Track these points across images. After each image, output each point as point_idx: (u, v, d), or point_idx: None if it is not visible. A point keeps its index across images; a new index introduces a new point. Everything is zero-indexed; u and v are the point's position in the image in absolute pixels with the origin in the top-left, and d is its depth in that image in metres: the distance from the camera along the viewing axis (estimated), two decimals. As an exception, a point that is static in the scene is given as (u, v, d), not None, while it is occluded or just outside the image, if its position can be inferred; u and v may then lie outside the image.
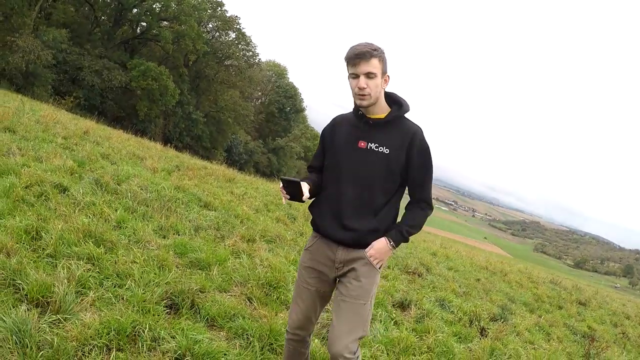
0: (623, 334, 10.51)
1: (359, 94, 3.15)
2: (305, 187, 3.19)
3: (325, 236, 3.34)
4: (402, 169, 3.25)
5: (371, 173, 3.22)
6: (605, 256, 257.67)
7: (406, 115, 3.32)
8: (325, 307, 3.69)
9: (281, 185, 3.24)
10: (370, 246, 3.24)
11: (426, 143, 3.29)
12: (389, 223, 3.30)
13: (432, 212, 3.47)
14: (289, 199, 3.29)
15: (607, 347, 8.15)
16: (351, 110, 3.41)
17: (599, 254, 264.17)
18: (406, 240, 3.38)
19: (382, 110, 3.28)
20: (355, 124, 3.31)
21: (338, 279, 3.38)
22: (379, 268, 3.30)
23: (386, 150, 3.20)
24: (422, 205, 3.37)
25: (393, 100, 3.32)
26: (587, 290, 18.14)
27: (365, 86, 3.10)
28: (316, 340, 4.85)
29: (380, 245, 3.23)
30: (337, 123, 3.45)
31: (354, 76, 3.14)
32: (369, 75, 3.10)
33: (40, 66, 37.74)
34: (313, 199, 3.44)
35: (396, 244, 3.27)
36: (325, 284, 3.41)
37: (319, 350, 4.60)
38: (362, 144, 3.23)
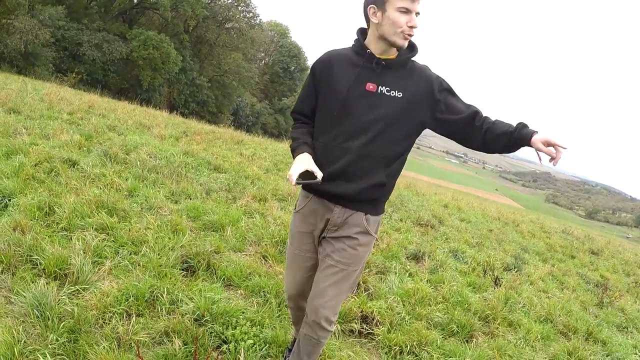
0: (636, 283, 10.50)
1: (407, 32, 2.72)
2: (318, 173, 2.75)
3: (321, 192, 2.91)
4: (421, 114, 2.85)
5: (382, 120, 2.79)
6: (617, 206, 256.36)
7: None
8: None
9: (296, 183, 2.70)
10: (545, 140, 2.59)
11: (440, 78, 2.90)
12: (395, 179, 2.99)
13: None
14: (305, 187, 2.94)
15: (620, 296, 8.16)
16: (347, 46, 2.98)
17: (611, 205, 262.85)
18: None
19: (393, 51, 2.84)
20: (361, 63, 2.83)
21: (327, 237, 2.99)
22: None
23: (399, 94, 2.80)
24: (486, 116, 2.88)
25: None
26: (599, 240, 18.05)
27: (417, 26, 2.73)
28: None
29: (546, 133, 2.63)
30: (334, 59, 2.92)
31: (406, 11, 2.69)
32: (417, 15, 2.74)
33: (40, 45, 37.44)
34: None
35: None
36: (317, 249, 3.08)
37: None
38: (372, 86, 2.80)
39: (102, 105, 15.70)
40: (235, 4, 58.59)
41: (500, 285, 6.74)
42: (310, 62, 76.05)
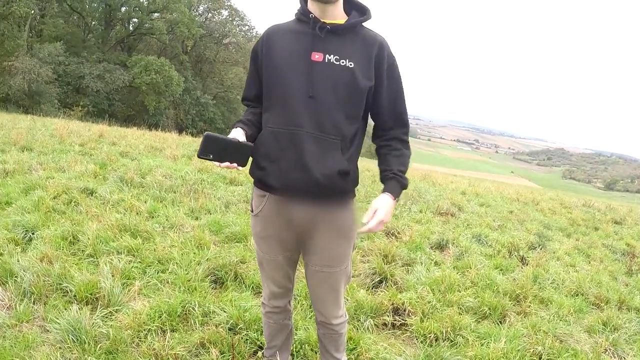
0: (663, 246, 10.43)
1: None
2: (241, 138, 2.41)
3: (278, 190, 2.50)
4: (369, 90, 2.48)
5: (333, 94, 2.39)
6: (634, 174, 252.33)
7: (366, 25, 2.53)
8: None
9: (202, 150, 2.26)
10: (374, 208, 2.40)
11: (394, 56, 2.55)
12: (356, 163, 2.57)
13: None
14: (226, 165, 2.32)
15: (648, 261, 8.11)
16: (290, 19, 2.59)
17: (628, 173, 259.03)
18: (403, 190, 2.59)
19: (341, 15, 2.48)
20: (304, 30, 2.44)
21: (301, 241, 2.66)
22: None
23: (350, 64, 2.40)
24: (404, 139, 2.63)
25: (353, 5, 2.55)
26: (620, 209, 17.82)
27: None
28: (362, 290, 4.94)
29: (388, 206, 2.44)
30: (273, 33, 2.52)
31: None
32: None
33: (43, 83, 37.81)
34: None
35: (398, 200, 2.56)
36: (292, 248, 2.71)
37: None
38: (317, 56, 2.39)
39: (111, 133, 15.85)
40: (230, 19, 58.91)
41: (527, 264, 6.72)
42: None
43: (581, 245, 8.99)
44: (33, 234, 5.30)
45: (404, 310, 4.50)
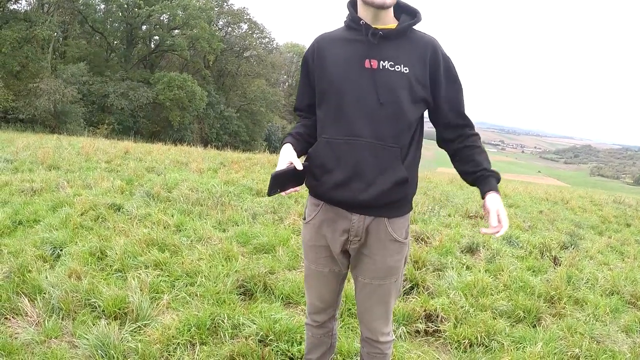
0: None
1: None
2: (296, 162, 2.32)
3: (334, 201, 2.43)
4: (427, 94, 2.40)
5: (391, 101, 2.30)
6: None
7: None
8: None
9: (271, 189, 2.25)
10: (495, 210, 2.31)
11: (448, 56, 2.46)
12: (416, 170, 2.52)
13: None
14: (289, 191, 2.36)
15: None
16: (339, 27, 2.53)
17: None
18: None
19: (392, 20, 2.40)
20: (356, 37, 2.37)
21: (351, 250, 2.54)
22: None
23: (405, 69, 2.31)
24: (474, 134, 2.54)
25: (402, 9, 2.45)
26: None
27: None
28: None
29: (498, 202, 2.36)
30: (324, 42, 2.46)
31: None
32: None
33: (68, 103, 38.40)
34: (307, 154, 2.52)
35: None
36: (340, 261, 2.61)
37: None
38: (372, 63, 2.31)
39: (137, 149, 15.99)
40: (250, 32, 59.33)
41: (560, 265, 6.59)
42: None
43: (614, 242, 8.82)
44: (61, 250, 5.33)
45: (437, 317, 4.41)
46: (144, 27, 52.12)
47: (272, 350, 3.61)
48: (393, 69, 2.30)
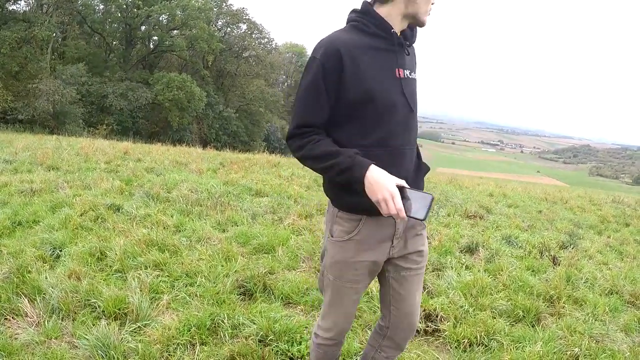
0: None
1: (429, 11, 2.37)
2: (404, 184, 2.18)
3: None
4: None
5: (416, 108, 2.43)
6: None
7: None
8: None
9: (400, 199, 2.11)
10: None
11: None
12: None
13: None
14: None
15: (684, 255, 7.92)
16: (341, 30, 2.39)
17: None
18: None
19: (403, 31, 2.45)
20: (384, 46, 2.33)
21: (396, 254, 2.54)
22: None
23: (415, 76, 2.45)
24: None
25: None
26: None
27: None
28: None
29: None
30: (349, 48, 2.26)
31: None
32: None
33: (67, 104, 38.35)
34: None
35: None
36: (375, 273, 2.61)
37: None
38: (401, 72, 2.34)
39: (136, 150, 15.96)
40: (249, 32, 59.31)
41: (559, 264, 6.59)
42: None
43: (613, 242, 8.80)
44: (61, 251, 5.33)
45: (436, 316, 4.42)
46: (142, 28, 52.14)
47: (272, 350, 3.62)
48: (412, 76, 2.42)
